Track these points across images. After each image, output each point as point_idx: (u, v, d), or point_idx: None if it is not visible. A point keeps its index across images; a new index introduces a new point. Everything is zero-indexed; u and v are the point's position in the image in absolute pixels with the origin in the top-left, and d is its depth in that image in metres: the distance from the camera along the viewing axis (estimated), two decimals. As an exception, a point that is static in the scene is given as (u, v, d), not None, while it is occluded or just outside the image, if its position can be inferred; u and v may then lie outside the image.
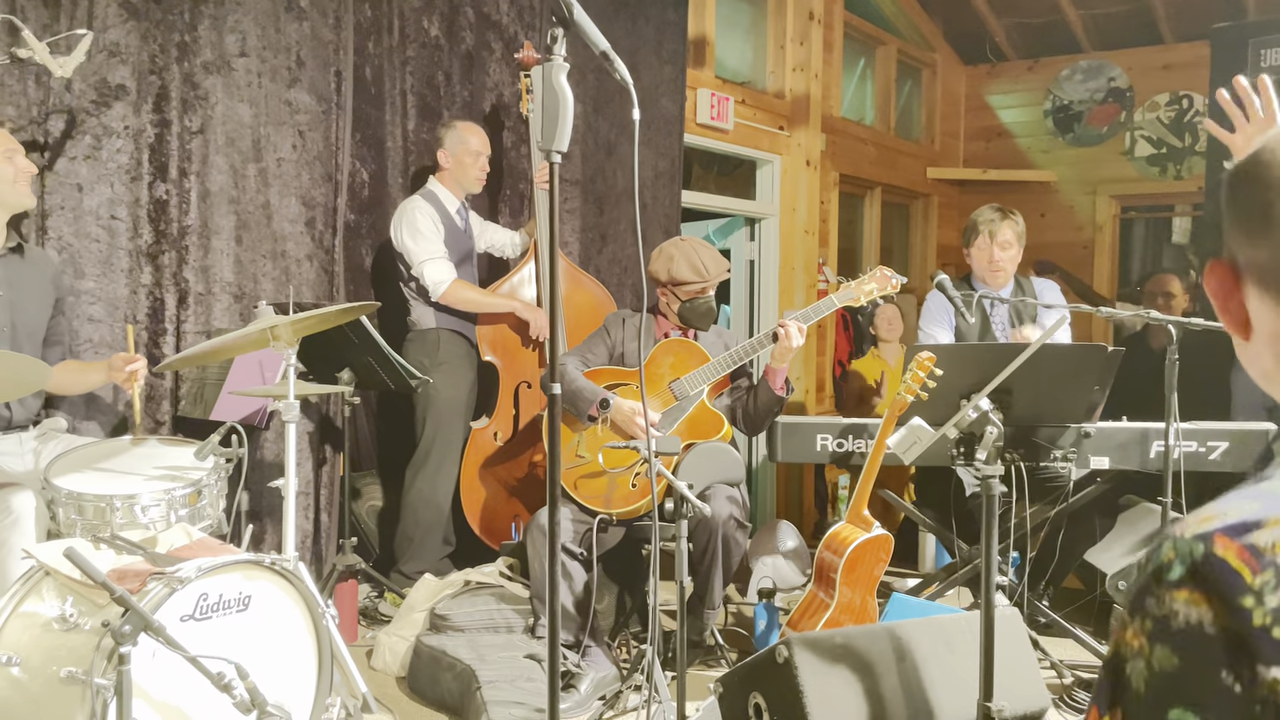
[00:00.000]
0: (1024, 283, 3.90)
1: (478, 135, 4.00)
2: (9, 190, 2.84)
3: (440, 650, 3.10)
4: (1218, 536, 0.66)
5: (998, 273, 3.76)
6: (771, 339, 3.30)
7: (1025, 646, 2.69)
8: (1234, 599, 0.63)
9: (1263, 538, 0.65)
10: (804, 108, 6.20)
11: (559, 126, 1.73)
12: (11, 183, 2.84)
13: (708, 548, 3.19)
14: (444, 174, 3.99)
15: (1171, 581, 0.66)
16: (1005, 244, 3.77)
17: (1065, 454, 3.31)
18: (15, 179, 2.85)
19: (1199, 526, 0.67)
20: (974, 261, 3.84)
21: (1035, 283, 3.92)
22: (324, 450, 3.88)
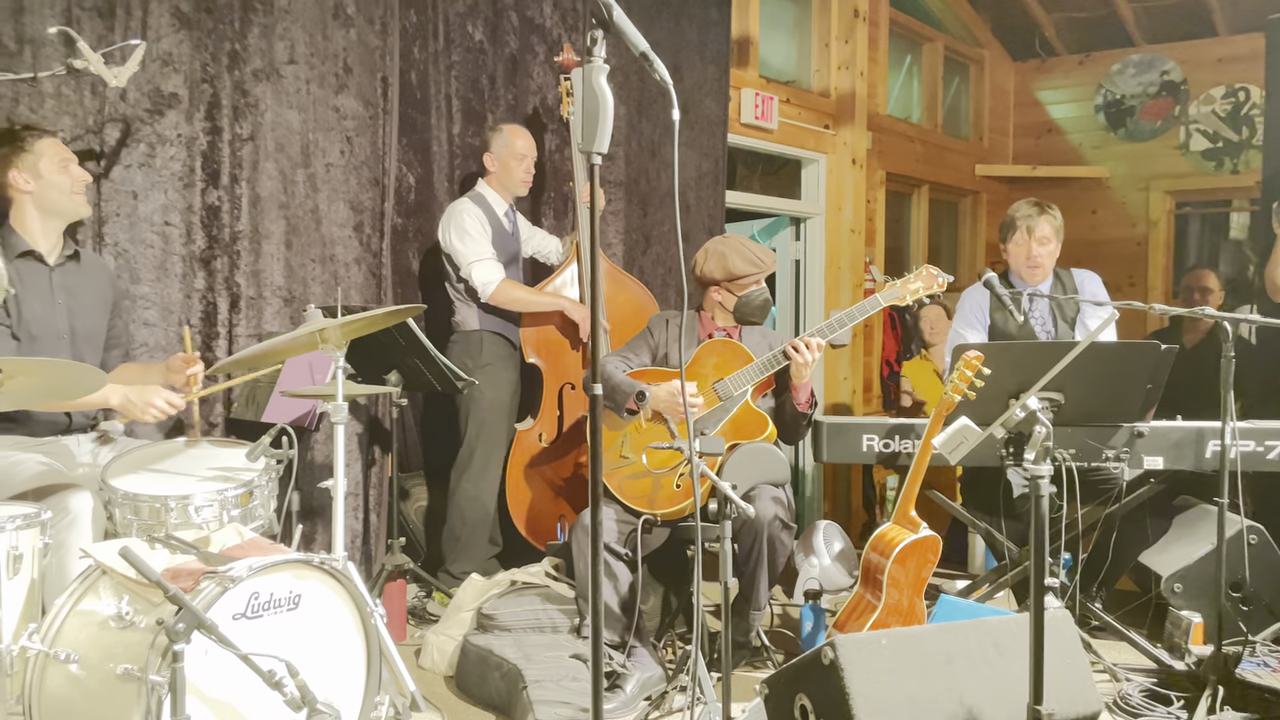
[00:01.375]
0: (1063, 275, 3.83)
1: (524, 138, 4.03)
2: (65, 200, 2.91)
3: (487, 650, 3.12)
4: None
5: (1036, 269, 3.71)
6: (784, 357, 3.26)
7: (1076, 649, 2.64)
8: None
9: None
10: (849, 106, 6.15)
11: (599, 128, 1.74)
12: (68, 193, 2.91)
13: (753, 548, 3.17)
14: (491, 177, 4.03)
15: None
16: (1043, 239, 3.71)
17: (1118, 454, 3.25)
18: (71, 188, 2.92)
19: None
20: (1011, 257, 3.78)
21: (1075, 274, 3.85)
22: (373, 451, 3.93)
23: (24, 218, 2.89)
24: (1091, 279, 3.85)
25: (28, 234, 2.88)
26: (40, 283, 2.88)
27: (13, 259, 2.83)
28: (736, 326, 3.51)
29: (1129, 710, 3.00)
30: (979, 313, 3.80)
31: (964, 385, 2.97)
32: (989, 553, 4.52)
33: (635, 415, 3.30)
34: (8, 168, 2.85)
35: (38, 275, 2.88)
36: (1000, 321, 3.77)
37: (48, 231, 2.92)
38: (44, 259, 2.90)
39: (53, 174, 2.88)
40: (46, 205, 2.89)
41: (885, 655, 2.45)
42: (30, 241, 2.88)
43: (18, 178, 2.86)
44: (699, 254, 3.50)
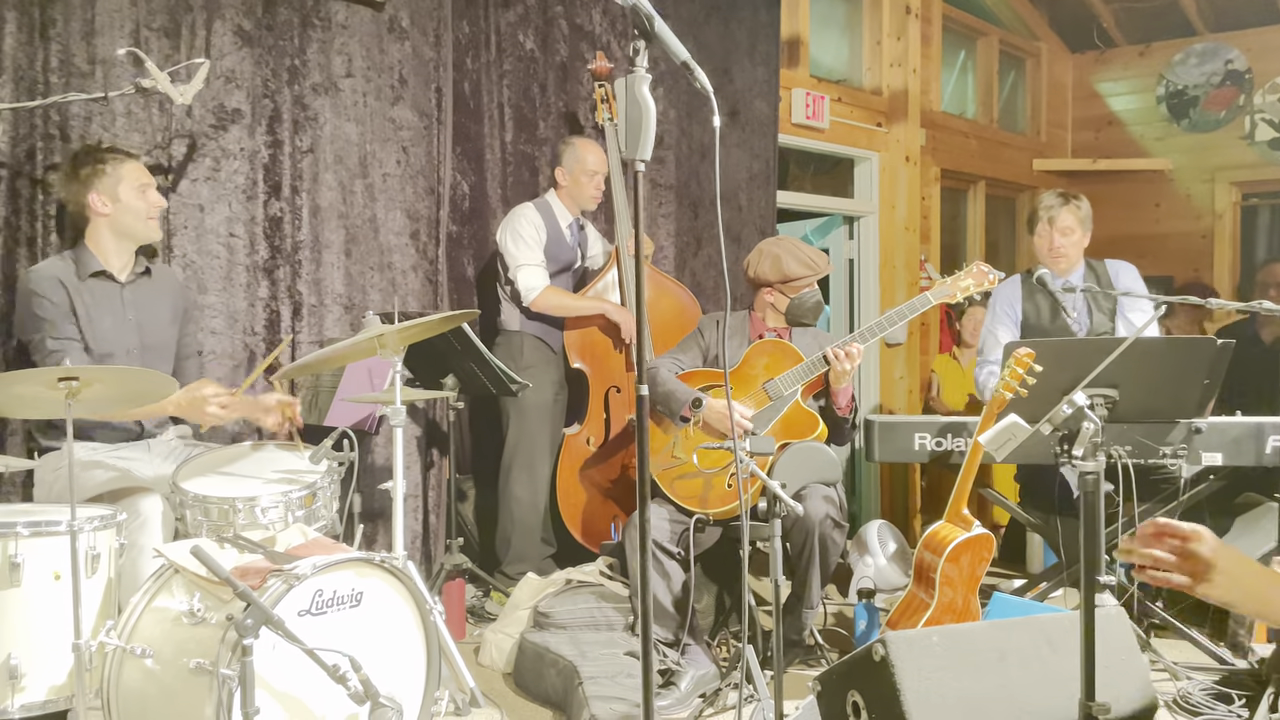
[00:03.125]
0: (1096, 266, 3.79)
1: (595, 154, 4.10)
2: (140, 225, 3.00)
3: (544, 647, 3.19)
4: None
5: (1059, 259, 3.68)
6: (824, 362, 3.29)
7: (1131, 645, 2.62)
8: None
9: None
10: (902, 103, 6.13)
11: (642, 136, 1.79)
12: (144, 218, 3.00)
13: (805, 547, 3.20)
14: (562, 191, 4.11)
15: None
16: (1066, 230, 3.68)
17: (1175, 450, 3.21)
18: (147, 214, 3.01)
19: None
20: (1036, 249, 3.76)
21: (1110, 265, 3.80)
22: (431, 454, 4.03)
23: (99, 238, 2.99)
24: (1127, 269, 3.81)
25: (101, 254, 2.99)
26: (111, 300, 3.00)
27: (85, 278, 2.94)
28: (787, 327, 3.54)
29: (1189, 708, 2.97)
30: (1009, 308, 3.78)
31: (1015, 383, 2.96)
32: (1048, 551, 4.49)
33: (688, 423, 3.34)
34: (88, 189, 2.92)
35: (109, 293, 3.00)
36: (1031, 315, 3.75)
37: (120, 251, 3.02)
38: (115, 277, 3.01)
39: (131, 198, 2.96)
40: (121, 228, 2.98)
41: (936, 652, 2.46)
42: (103, 261, 2.98)
43: (96, 200, 2.93)
44: (751, 255, 3.53)
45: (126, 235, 3.01)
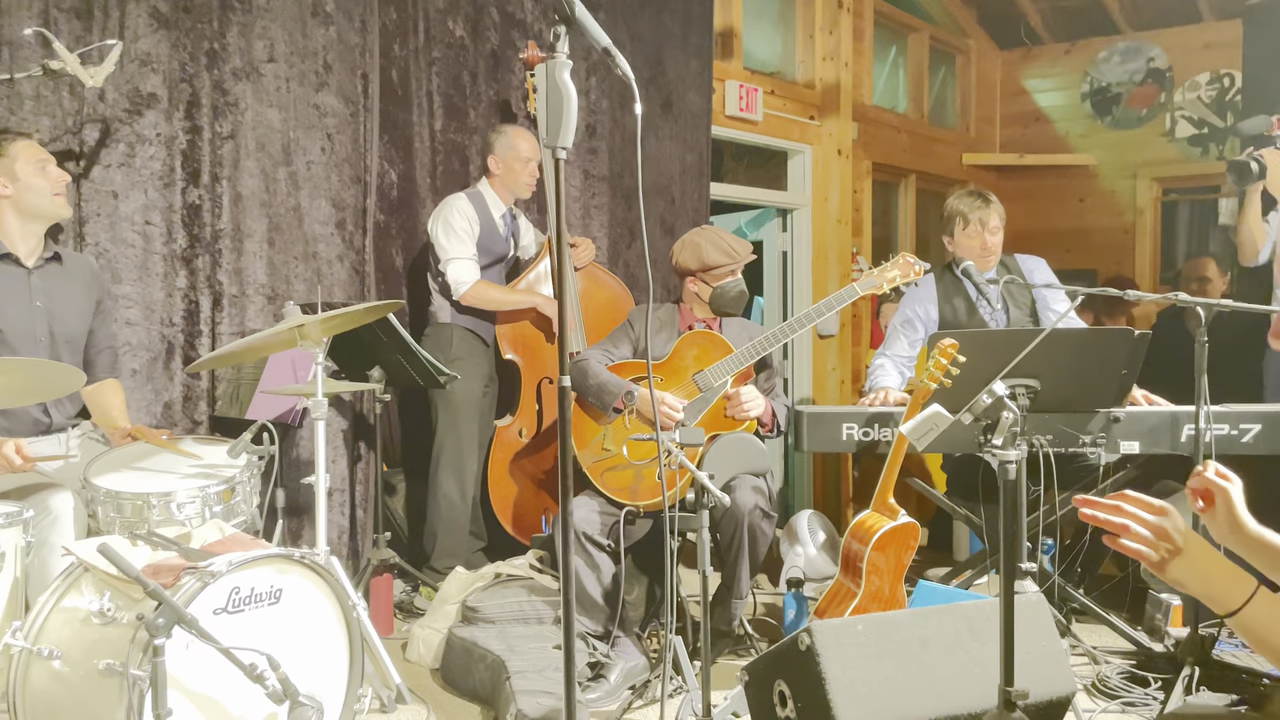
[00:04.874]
0: (1008, 262, 3.87)
1: (528, 141, 4.05)
2: (45, 202, 2.92)
3: (472, 642, 3.16)
4: None
5: (989, 256, 3.76)
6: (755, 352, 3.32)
7: (1051, 632, 2.68)
8: None
9: None
10: (835, 97, 6.18)
11: (563, 123, 1.77)
12: (48, 194, 2.92)
13: (734, 538, 3.21)
14: (495, 179, 4.06)
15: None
16: (995, 230, 3.77)
17: (1095, 439, 3.28)
18: (50, 190, 2.92)
19: None
20: (960, 249, 3.81)
21: (1022, 260, 3.88)
22: (358, 447, 3.96)
23: (2, 221, 2.89)
24: (1039, 264, 3.89)
25: (5, 237, 2.89)
26: (17, 286, 2.89)
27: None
28: (716, 318, 3.54)
29: (1107, 692, 3.04)
30: (922, 310, 3.84)
31: (939, 373, 3.00)
32: (974, 539, 4.56)
33: (621, 414, 3.33)
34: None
35: (15, 279, 2.89)
36: (949, 314, 3.81)
37: (27, 235, 2.93)
38: (21, 262, 2.91)
39: (30, 176, 2.88)
40: (25, 208, 2.90)
41: (861, 640, 2.48)
42: (9, 245, 2.89)
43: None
44: (676, 245, 3.53)
45: (32, 215, 2.91)
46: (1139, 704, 2.97)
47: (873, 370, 3.88)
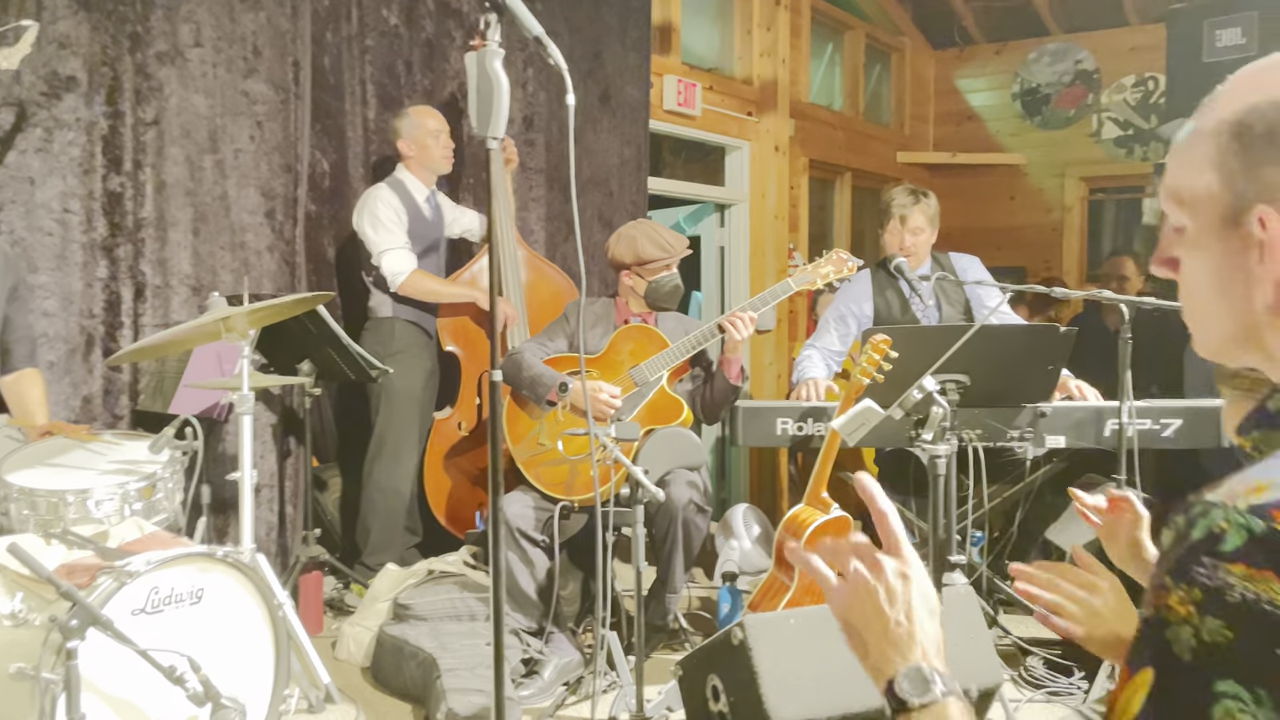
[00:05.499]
0: (942, 260, 3.91)
1: (434, 116, 3.98)
2: None
3: (403, 639, 3.11)
4: (1276, 512, 0.63)
5: (910, 256, 3.77)
6: (718, 330, 3.31)
7: (979, 623, 2.71)
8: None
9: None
10: (772, 93, 6.21)
11: (494, 111, 1.73)
12: None
13: (668, 533, 3.20)
14: (410, 161, 3.98)
15: (1225, 553, 0.63)
16: (916, 229, 3.77)
17: (1022, 434, 3.34)
18: None
19: (1251, 497, 0.64)
20: (886, 245, 3.84)
21: (955, 259, 3.92)
22: (288, 442, 3.88)
23: None
24: (973, 263, 3.93)
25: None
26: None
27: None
28: (652, 312, 3.53)
29: (1033, 682, 3.10)
30: (855, 307, 3.86)
31: (872, 369, 3.02)
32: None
33: (555, 406, 3.30)
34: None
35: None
36: (882, 309, 3.84)
37: None
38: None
39: None
40: None
41: (793, 634, 2.49)
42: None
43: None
44: (611, 238, 3.51)
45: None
46: (1063, 693, 3.03)
47: (800, 361, 3.89)
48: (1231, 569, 0.63)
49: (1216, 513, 0.65)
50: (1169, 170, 0.85)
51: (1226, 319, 0.81)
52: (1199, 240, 0.82)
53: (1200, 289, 0.83)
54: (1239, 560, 0.63)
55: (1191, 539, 0.65)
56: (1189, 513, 0.67)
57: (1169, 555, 0.67)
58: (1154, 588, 0.67)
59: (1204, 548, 0.64)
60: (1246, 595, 0.62)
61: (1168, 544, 0.68)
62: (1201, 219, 0.81)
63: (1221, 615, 0.62)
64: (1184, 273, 0.86)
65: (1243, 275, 0.79)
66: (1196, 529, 0.65)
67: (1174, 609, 0.65)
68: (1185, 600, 0.64)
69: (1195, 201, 0.82)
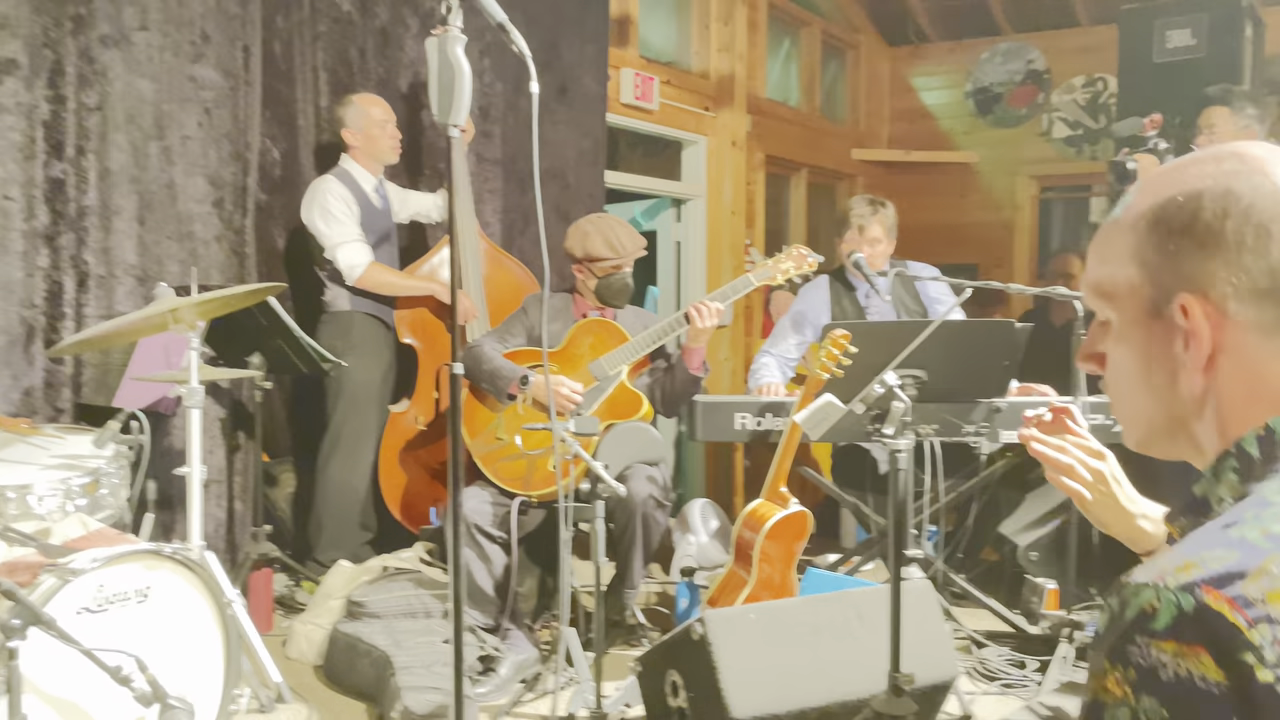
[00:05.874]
0: (899, 265, 3.94)
1: (378, 105, 3.92)
2: None
3: (356, 637, 3.06)
4: (1205, 588, 0.64)
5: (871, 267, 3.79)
6: (684, 320, 3.30)
7: (937, 617, 2.74)
8: (1234, 655, 0.62)
9: (1250, 589, 0.63)
10: (729, 88, 6.20)
11: (455, 98, 1.70)
12: None
13: (627, 528, 3.19)
14: (356, 151, 3.91)
15: (1157, 631, 0.64)
16: (874, 240, 3.80)
17: (978, 429, 3.37)
18: None
19: (1180, 576, 0.65)
20: (843, 255, 3.86)
21: (913, 266, 3.95)
22: (237, 436, 3.80)
23: None
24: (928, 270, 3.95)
25: None
26: None
27: None
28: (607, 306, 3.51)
29: (987, 674, 3.13)
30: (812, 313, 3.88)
31: (831, 364, 3.03)
32: (859, 527, 4.65)
33: (515, 400, 3.27)
34: None
35: None
36: (839, 316, 3.87)
37: None
38: None
39: None
40: None
41: (753, 629, 2.49)
42: None
43: None
44: (569, 230, 3.47)
45: None
46: (1017, 685, 3.06)
47: (756, 369, 3.90)
48: (1164, 646, 0.64)
49: (1147, 592, 0.66)
50: (1090, 265, 0.87)
51: (1155, 410, 0.83)
52: (1124, 333, 0.85)
53: (1127, 381, 0.86)
54: (1170, 637, 0.64)
55: (1125, 619, 0.66)
56: (1121, 593, 0.68)
57: (1105, 638, 0.68)
58: (1092, 671, 0.69)
59: (1137, 627, 0.65)
60: (1179, 673, 0.62)
61: (1103, 626, 0.69)
62: (1126, 312, 0.84)
63: (1156, 694, 0.63)
64: (1110, 367, 0.88)
65: (1169, 365, 0.81)
66: (1129, 609, 0.66)
67: (1111, 690, 0.66)
68: (1121, 681, 0.65)
69: (1118, 295, 0.84)
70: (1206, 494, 0.80)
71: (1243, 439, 0.77)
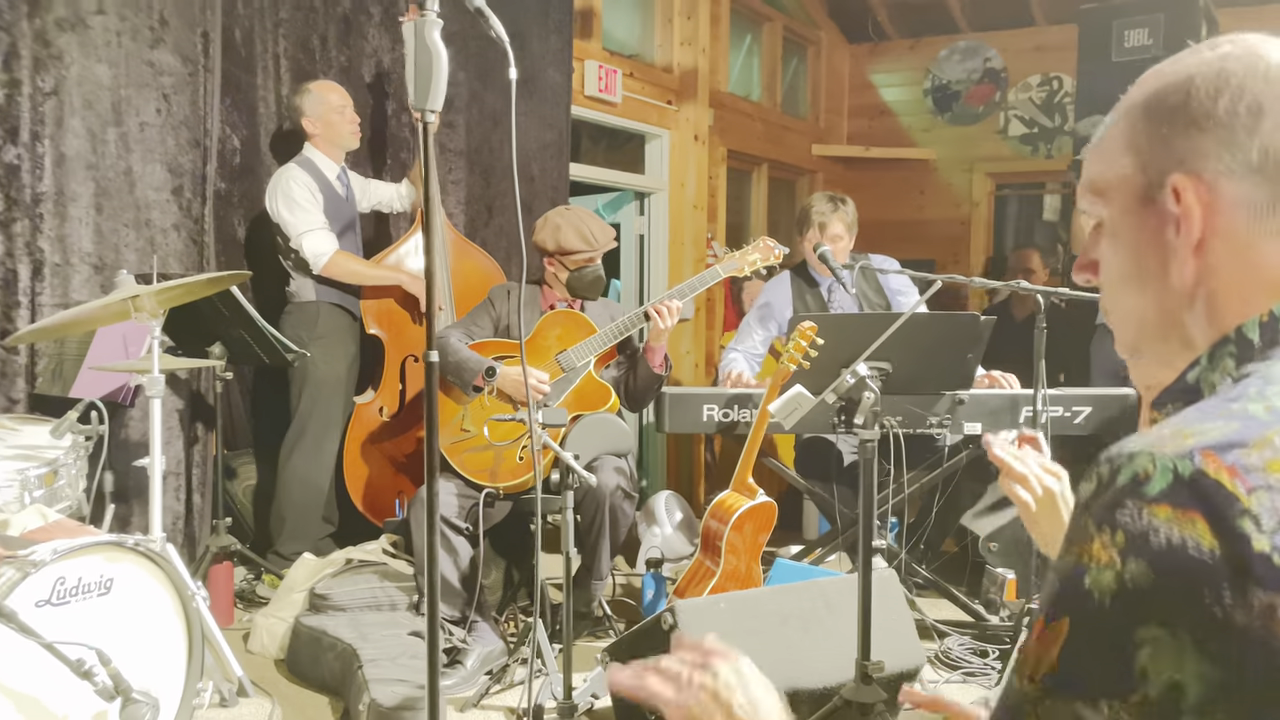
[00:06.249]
0: (860, 258, 3.98)
1: (335, 90, 3.88)
2: None
3: (320, 630, 3.03)
4: (1205, 454, 0.62)
5: None
6: (644, 318, 3.30)
7: (902, 606, 2.77)
8: (1230, 521, 0.60)
9: (1251, 458, 0.62)
10: (692, 82, 6.21)
11: (432, 84, 1.68)
12: None
13: (595, 519, 3.18)
14: (316, 139, 3.86)
15: (1151, 496, 0.62)
16: (835, 237, 3.84)
17: (941, 420, 3.41)
18: None
19: (1178, 443, 0.64)
20: (806, 252, 3.90)
21: (875, 259, 3.99)
22: (195, 428, 3.74)
23: None
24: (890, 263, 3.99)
25: None
26: None
27: None
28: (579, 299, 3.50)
29: (949, 663, 3.17)
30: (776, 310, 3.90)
31: (799, 355, 3.05)
32: (823, 518, 4.69)
33: (481, 392, 3.25)
34: None
35: None
36: (803, 310, 3.89)
37: None
38: None
39: None
40: None
41: (723, 618, 2.50)
42: None
43: None
44: (539, 221, 3.46)
45: None
46: (979, 674, 3.11)
47: (726, 363, 3.92)
48: (1156, 511, 0.62)
49: (1142, 458, 0.64)
50: (1085, 169, 0.87)
51: (1146, 305, 0.82)
52: (1116, 227, 0.83)
53: (1119, 278, 0.84)
54: (1164, 502, 0.62)
55: (1116, 484, 0.64)
56: (1113, 461, 0.66)
57: (1091, 503, 0.66)
58: (1073, 536, 0.66)
59: (1129, 491, 0.63)
60: (1171, 538, 0.60)
61: (1088, 494, 0.67)
62: (1117, 203, 0.83)
63: (1145, 557, 0.61)
64: (1103, 269, 0.86)
65: (1160, 254, 0.80)
66: (1121, 475, 0.64)
67: (1095, 554, 0.63)
68: (1108, 545, 0.63)
69: (1110, 188, 0.83)
70: (1200, 379, 0.78)
71: (1243, 325, 0.76)
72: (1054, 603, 0.66)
